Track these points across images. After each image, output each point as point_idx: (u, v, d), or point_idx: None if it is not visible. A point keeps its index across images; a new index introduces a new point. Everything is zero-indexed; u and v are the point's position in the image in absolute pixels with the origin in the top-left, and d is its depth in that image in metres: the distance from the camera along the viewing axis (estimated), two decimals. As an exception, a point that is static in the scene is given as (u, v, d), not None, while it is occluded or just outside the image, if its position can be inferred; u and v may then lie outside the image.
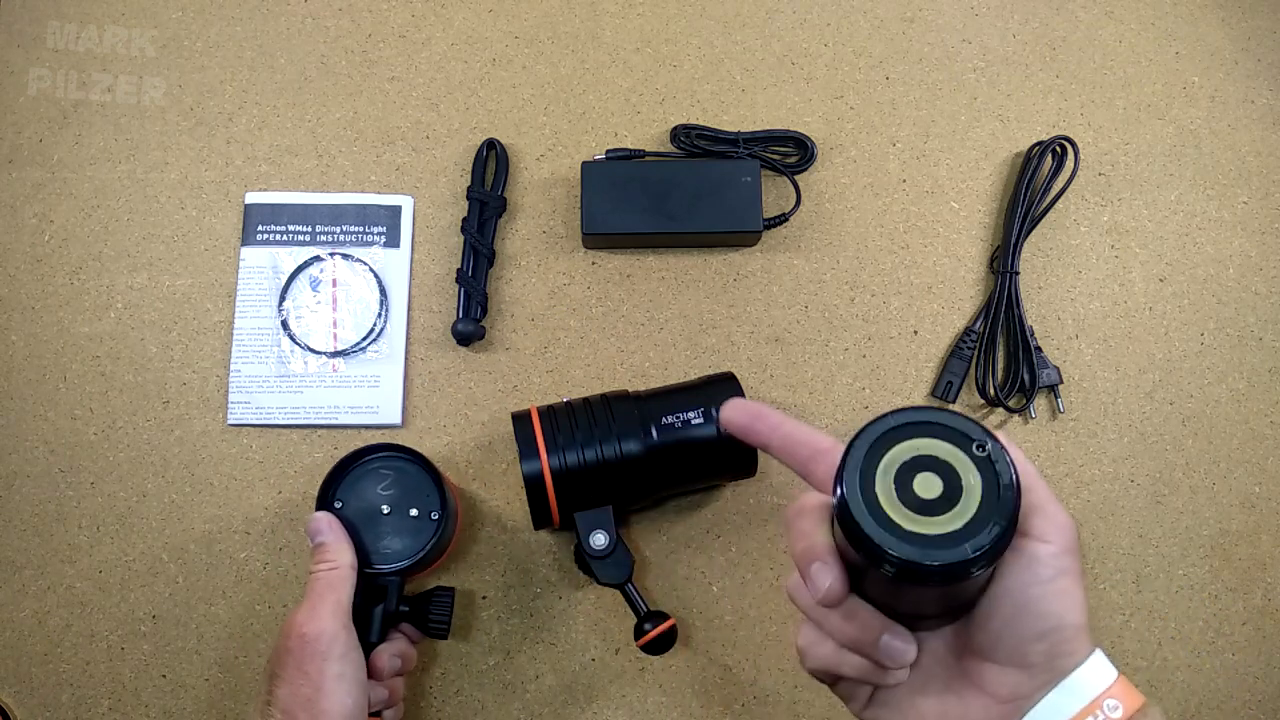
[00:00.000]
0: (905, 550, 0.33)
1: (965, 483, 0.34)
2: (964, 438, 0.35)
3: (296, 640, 0.51)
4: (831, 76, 0.74)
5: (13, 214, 0.70)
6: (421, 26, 0.74)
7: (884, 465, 0.35)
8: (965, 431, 0.35)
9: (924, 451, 0.35)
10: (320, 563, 0.56)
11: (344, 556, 0.56)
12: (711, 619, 0.65)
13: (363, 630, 0.57)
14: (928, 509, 0.34)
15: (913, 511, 0.34)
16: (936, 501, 0.34)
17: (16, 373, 0.68)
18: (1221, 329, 0.70)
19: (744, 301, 0.70)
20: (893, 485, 0.35)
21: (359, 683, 0.52)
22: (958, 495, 0.34)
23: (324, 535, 0.57)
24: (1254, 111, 0.74)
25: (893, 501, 0.34)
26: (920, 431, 0.35)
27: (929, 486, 0.34)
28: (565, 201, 0.71)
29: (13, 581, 0.65)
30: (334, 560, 0.55)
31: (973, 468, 0.34)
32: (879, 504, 0.34)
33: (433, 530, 0.59)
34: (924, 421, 0.35)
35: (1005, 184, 0.72)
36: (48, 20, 0.73)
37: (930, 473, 0.35)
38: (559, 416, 0.60)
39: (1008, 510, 0.33)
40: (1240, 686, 0.65)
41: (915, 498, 0.34)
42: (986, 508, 0.34)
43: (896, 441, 0.35)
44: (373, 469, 0.60)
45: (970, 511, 0.34)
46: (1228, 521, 0.67)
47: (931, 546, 0.33)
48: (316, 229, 0.70)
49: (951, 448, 0.35)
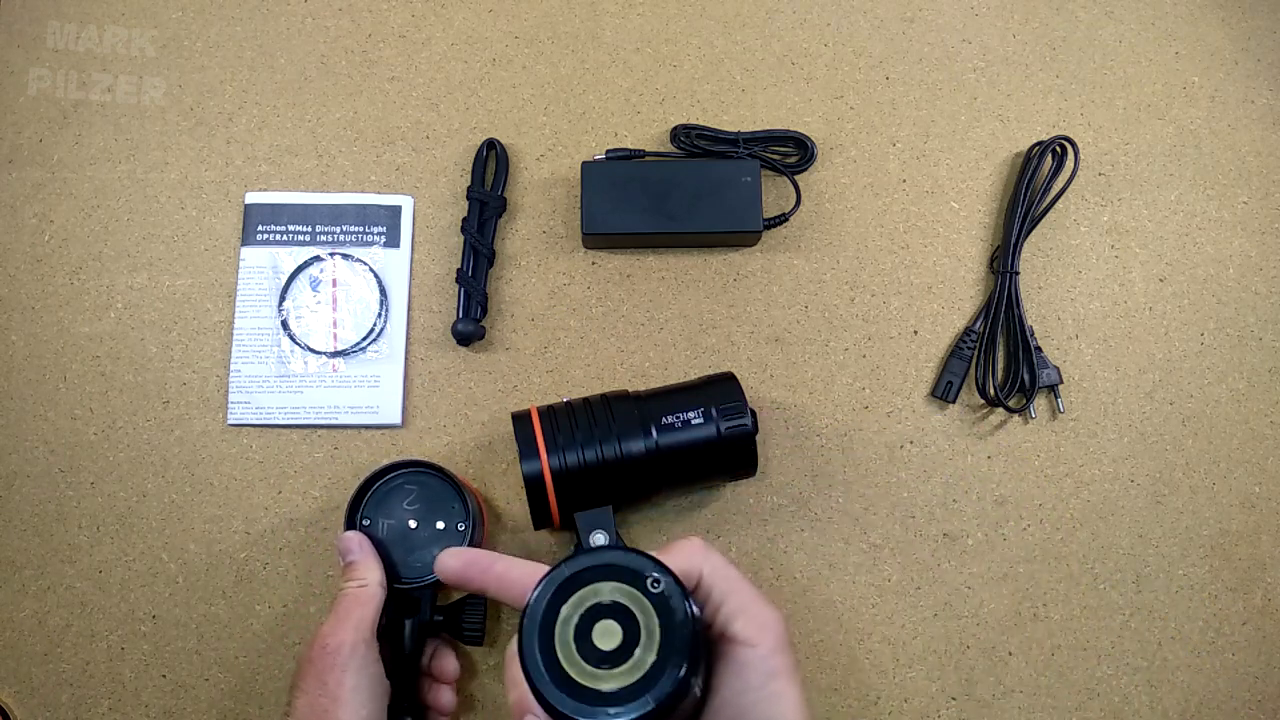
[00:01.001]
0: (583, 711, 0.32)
1: (644, 625, 0.33)
2: (636, 576, 0.34)
3: (319, 651, 0.53)
4: (831, 76, 0.74)
5: (13, 214, 0.70)
6: (421, 26, 0.74)
7: (563, 618, 0.34)
8: (637, 570, 0.34)
9: (603, 598, 0.34)
10: (350, 580, 0.57)
11: (373, 574, 0.57)
12: (711, 619, 0.65)
13: (396, 643, 0.59)
14: (608, 660, 0.33)
15: (592, 665, 0.33)
16: (616, 651, 0.33)
17: (16, 373, 0.68)
18: (1221, 329, 0.70)
19: (744, 301, 0.70)
20: (571, 639, 0.33)
21: (376, 696, 0.53)
22: (636, 640, 0.33)
23: (354, 554, 0.58)
24: (1254, 111, 0.74)
25: (571, 657, 0.33)
26: (596, 575, 0.34)
27: (609, 635, 0.33)
28: (565, 201, 0.71)
29: (13, 581, 0.65)
30: (363, 578, 0.57)
31: (649, 607, 0.33)
32: (558, 662, 0.33)
33: (460, 542, 0.60)
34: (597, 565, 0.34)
35: (1005, 184, 0.72)
36: (48, 20, 0.73)
37: (610, 619, 0.34)
38: (559, 416, 0.60)
39: (684, 649, 0.32)
40: (1240, 686, 0.65)
41: (595, 650, 0.33)
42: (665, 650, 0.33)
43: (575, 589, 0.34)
44: (396, 485, 0.62)
45: (650, 657, 0.33)
46: (1228, 521, 0.67)
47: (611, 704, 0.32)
48: (316, 229, 0.70)
49: (627, 588, 0.34)
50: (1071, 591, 0.66)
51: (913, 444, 0.68)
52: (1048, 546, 0.67)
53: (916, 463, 0.67)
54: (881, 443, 0.68)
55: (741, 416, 0.60)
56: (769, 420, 0.67)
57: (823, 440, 0.68)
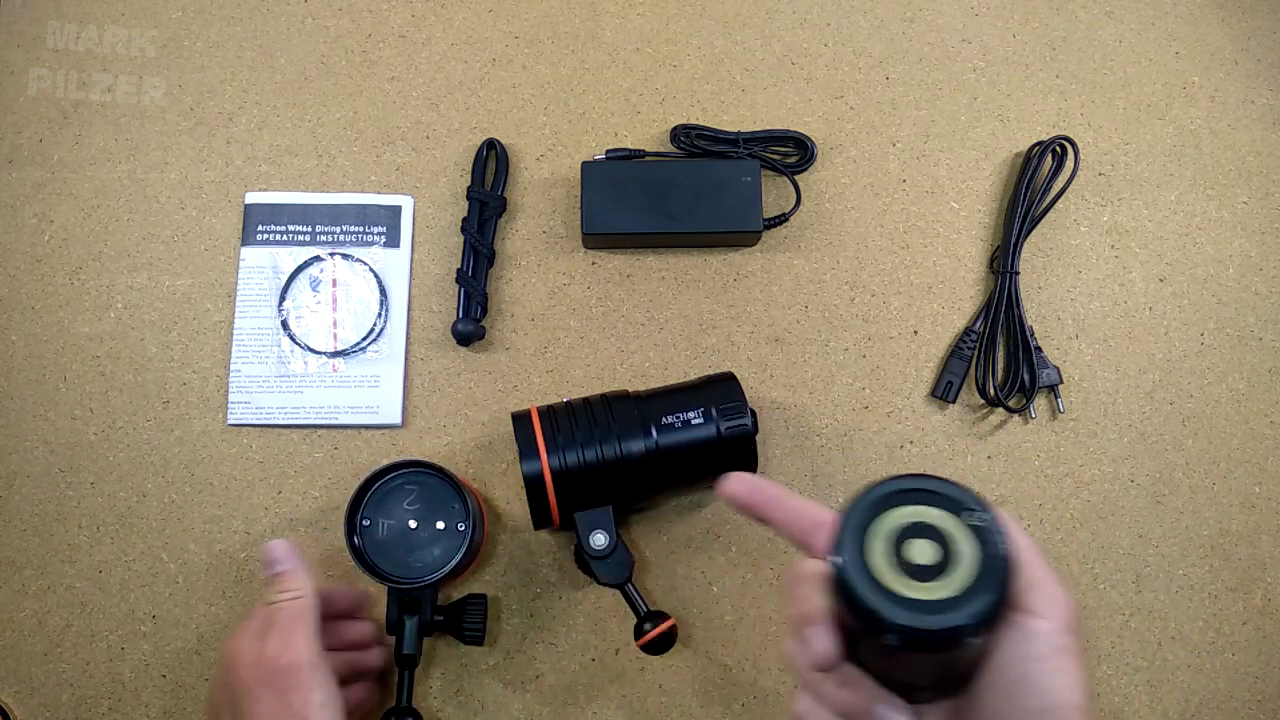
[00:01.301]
0: (898, 615, 0.33)
1: (961, 551, 0.34)
2: (958, 505, 0.35)
3: (272, 672, 0.50)
4: (831, 76, 0.74)
5: (13, 214, 0.70)
6: (421, 26, 0.74)
7: (878, 531, 0.35)
8: (960, 499, 0.35)
9: (919, 519, 0.35)
10: (282, 592, 0.54)
11: (307, 585, 0.54)
12: (711, 619, 0.65)
13: (399, 643, 0.59)
14: (922, 574, 0.34)
15: (907, 576, 0.34)
16: (931, 568, 0.34)
17: (16, 373, 0.68)
18: (1221, 329, 0.70)
19: (744, 301, 0.70)
20: (887, 551, 0.34)
21: (340, 711, 0.51)
22: (952, 562, 0.34)
23: (284, 564, 0.55)
24: (1254, 111, 0.74)
25: (887, 567, 0.34)
26: (915, 499, 0.35)
27: (924, 552, 0.34)
28: (565, 201, 0.71)
29: (13, 581, 0.65)
30: (297, 589, 0.54)
31: (967, 535, 0.34)
32: (872, 569, 0.34)
33: (460, 541, 0.60)
34: (919, 489, 0.35)
35: (1005, 184, 0.72)
36: (48, 20, 0.73)
37: (925, 539, 0.34)
38: (559, 416, 0.60)
39: (999, 579, 0.33)
40: (1240, 686, 0.65)
41: (909, 563, 0.34)
42: (980, 576, 0.33)
43: (891, 507, 0.35)
44: (396, 485, 0.61)
45: (965, 579, 0.33)
46: (1228, 521, 0.67)
47: (925, 611, 0.33)
48: (316, 229, 0.70)
49: (946, 514, 0.35)
50: (1071, 591, 0.66)
51: (913, 444, 0.68)
52: (1048, 546, 0.67)
53: (917, 463, 0.67)
54: (881, 443, 0.68)
55: (741, 416, 0.60)
56: (769, 420, 0.67)
57: (823, 440, 0.68)
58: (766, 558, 0.66)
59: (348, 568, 0.65)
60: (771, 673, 0.64)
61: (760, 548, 0.66)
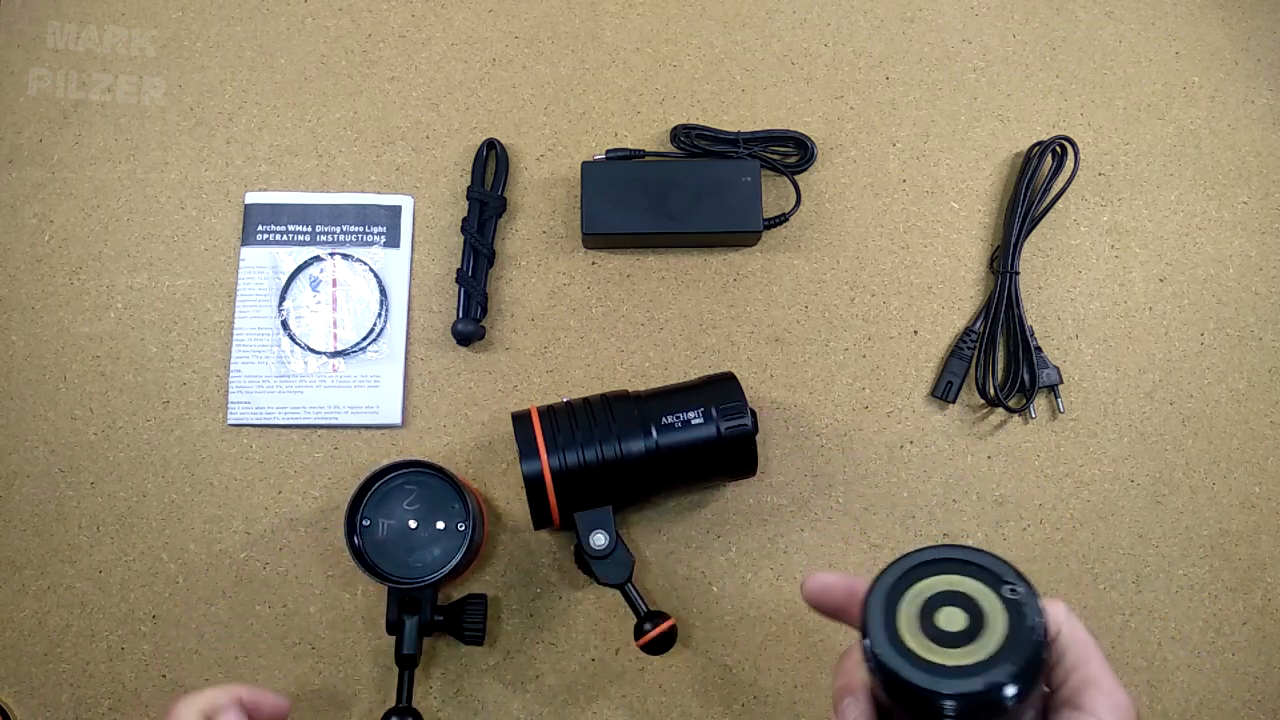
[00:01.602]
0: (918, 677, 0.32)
1: (991, 621, 0.33)
2: (995, 578, 0.34)
3: None
4: (831, 76, 0.74)
5: (13, 214, 0.70)
6: (421, 26, 0.74)
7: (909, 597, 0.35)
8: (997, 573, 0.34)
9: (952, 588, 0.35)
10: None
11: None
12: (711, 619, 0.65)
13: (399, 643, 0.59)
14: (949, 641, 0.33)
15: (933, 642, 0.33)
16: (959, 635, 0.33)
17: (16, 373, 0.68)
18: (1221, 329, 0.70)
19: (744, 301, 0.70)
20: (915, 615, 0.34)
21: None
22: (980, 630, 0.33)
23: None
24: (1254, 111, 0.74)
25: (914, 632, 0.34)
26: (953, 568, 0.35)
27: (953, 620, 0.34)
28: (565, 201, 0.71)
29: (13, 581, 0.65)
30: None
31: (1001, 608, 0.34)
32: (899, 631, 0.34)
33: (460, 541, 0.60)
34: (957, 559, 0.35)
35: (1005, 184, 0.72)
36: (48, 20, 0.73)
37: (955, 607, 0.34)
38: (559, 416, 0.60)
39: (1026, 651, 0.32)
40: (1240, 686, 0.65)
41: (937, 630, 0.34)
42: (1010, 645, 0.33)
43: (928, 575, 0.35)
44: (396, 485, 0.62)
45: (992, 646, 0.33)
46: (1228, 521, 0.67)
47: (946, 676, 0.32)
48: (316, 229, 0.70)
49: (980, 585, 0.34)
50: (1071, 592, 0.66)
51: (913, 444, 0.68)
52: (1048, 546, 0.67)
53: (916, 463, 0.67)
54: (881, 443, 0.68)
55: (741, 416, 0.60)
56: (769, 420, 0.67)
57: (823, 440, 0.68)
58: (767, 558, 0.66)
59: (348, 568, 0.65)
60: (771, 673, 0.64)
61: (760, 548, 0.66)
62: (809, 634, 0.65)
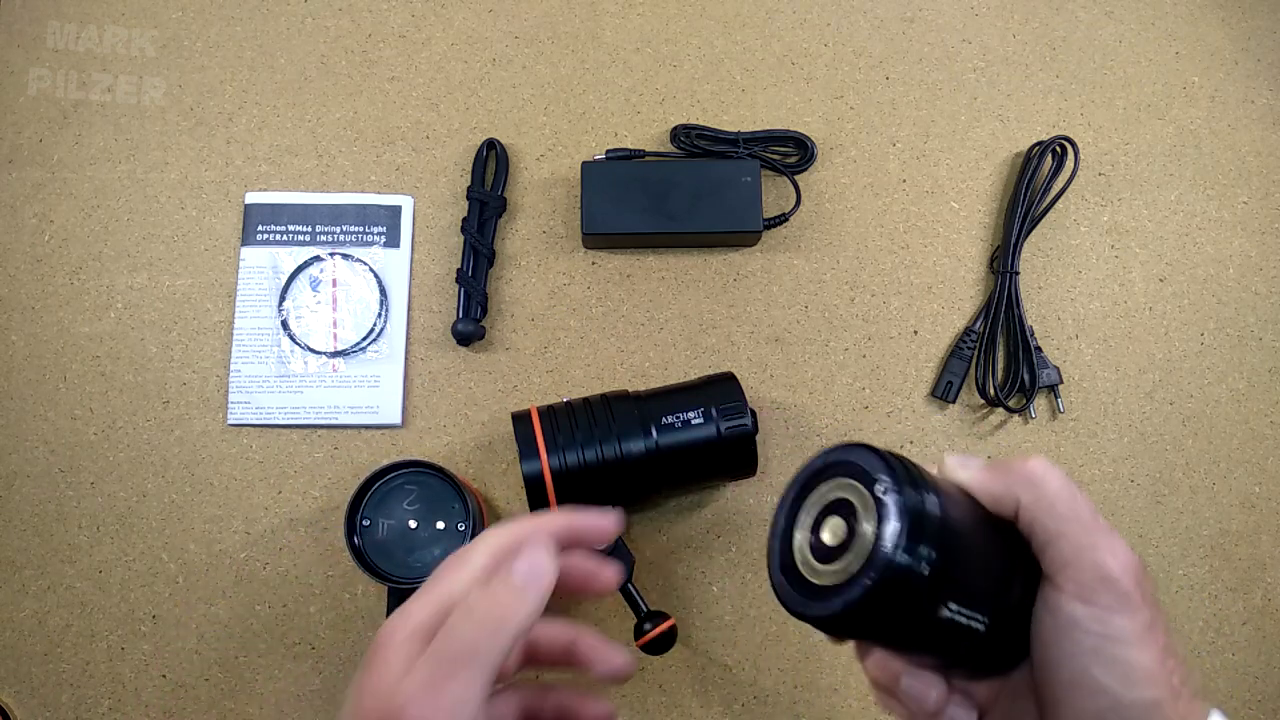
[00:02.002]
0: (792, 599, 0.31)
1: (860, 527, 0.31)
2: (867, 476, 0.31)
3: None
4: (831, 76, 0.74)
5: (13, 214, 0.70)
6: (421, 26, 0.74)
7: (806, 508, 0.33)
8: (867, 469, 0.31)
9: (839, 494, 0.33)
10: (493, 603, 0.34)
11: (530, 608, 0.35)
12: (711, 619, 0.65)
13: None
14: (828, 556, 0.31)
15: (816, 561, 0.32)
16: (836, 549, 0.31)
17: (16, 373, 0.68)
18: (1221, 329, 0.70)
19: (744, 301, 0.70)
20: (809, 532, 0.33)
21: None
22: (851, 541, 0.31)
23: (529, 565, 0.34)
24: (1254, 111, 0.74)
25: (803, 553, 0.32)
26: (837, 471, 0.33)
27: (836, 532, 0.32)
28: (565, 201, 0.71)
29: (13, 581, 0.65)
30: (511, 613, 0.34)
31: (872, 508, 0.31)
32: (793, 555, 0.33)
33: (460, 541, 0.61)
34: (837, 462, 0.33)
35: (1005, 184, 0.72)
36: (48, 20, 0.73)
37: (837, 516, 0.32)
38: (559, 416, 0.60)
39: (879, 566, 0.29)
40: (1240, 686, 0.65)
41: (823, 545, 0.32)
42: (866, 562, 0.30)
43: (816, 485, 0.33)
44: (396, 485, 0.62)
45: (854, 565, 0.30)
46: (1228, 521, 0.67)
47: (816, 597, 0.31)
48: (316, 229, 0.70)
49: (859, 487, 0.32)
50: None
51: (913, 444, 0.68)
52: (1048, 546, 0.67)
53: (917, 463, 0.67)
54: (881, 443, 0.67)
55: (741, 416, 0.60)
56: (769, 420, 0.67)
57: (823, 440, 0.68)
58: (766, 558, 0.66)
59: (348, 568, 0.65)
60: (771, 673, 0.64)
61: (760, 548, 0.66)
62: (809, 634, 0.65)
